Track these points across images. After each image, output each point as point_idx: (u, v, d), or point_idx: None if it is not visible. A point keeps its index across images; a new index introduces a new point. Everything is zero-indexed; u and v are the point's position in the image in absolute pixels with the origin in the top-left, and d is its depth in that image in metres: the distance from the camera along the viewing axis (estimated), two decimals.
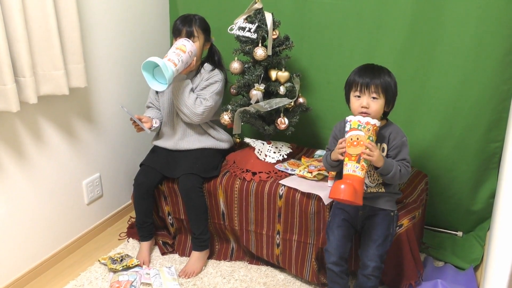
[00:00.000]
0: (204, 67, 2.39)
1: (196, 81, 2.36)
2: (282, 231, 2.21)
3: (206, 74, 2.37)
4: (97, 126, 2.50)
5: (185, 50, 2.19)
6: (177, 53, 2.16)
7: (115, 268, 2.27)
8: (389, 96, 1.83)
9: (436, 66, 2.25)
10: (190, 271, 2.29)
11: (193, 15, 2.33)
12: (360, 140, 1.74)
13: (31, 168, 2.18)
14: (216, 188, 2.29)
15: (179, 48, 2.19)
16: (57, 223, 2.36)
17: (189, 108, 2.26)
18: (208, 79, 2.35)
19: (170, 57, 2.14)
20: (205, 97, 2.30)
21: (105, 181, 2.61)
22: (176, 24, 2.31)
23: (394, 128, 1.90)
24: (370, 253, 1.89)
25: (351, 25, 2.35)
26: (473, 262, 2.24)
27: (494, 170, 2.33)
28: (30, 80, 1.96)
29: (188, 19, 2.30)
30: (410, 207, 2.11)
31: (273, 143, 2.39)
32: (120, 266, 2.27)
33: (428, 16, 2.18)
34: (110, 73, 2.53)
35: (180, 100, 2.26)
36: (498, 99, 2.19)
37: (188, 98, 2.26)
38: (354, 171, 1.74)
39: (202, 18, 2.34)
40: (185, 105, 2.26)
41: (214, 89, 2.33)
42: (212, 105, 2.30)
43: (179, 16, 2.34)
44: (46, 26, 1.98)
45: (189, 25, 2.28)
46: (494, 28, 2.09)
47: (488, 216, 2.40)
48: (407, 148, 1.88)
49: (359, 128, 1.74)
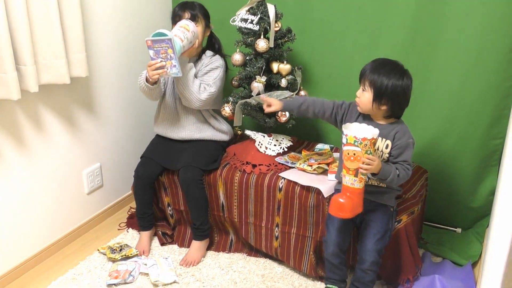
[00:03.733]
0: (206, 53, 2.38)
1: (197, 66, 2.35)
2: (281, 223, 2.21)
3: (207, 59, 2.36)
4: (98, 116, 2.50)
5: (189, 29, 2.18)
6: (182, 30, 2.15)
7: (114, 257, 2.28)
8: (378, 94, 1.79)
9: (439, 62, 2.24)
10: (190, 260, 2.30)
11: (191, 1, 2.33)
12: (357, 156, 1.71)
13: (32, 157, 2.19)
14: (216, 180, 2.29)
15: (183, 26, 2.17)
16: (57, 213, 2.37)
17: (193, 94, 2.24)
18: (208, 64, 2.34)
19: (176, 33, 2.12)
20: (208, 83, 2.29)
21: (105, 171, 2.62)
22: (175, 10, 2.30)
23: (402, 128, 1.86)
24: (369, 247, 1.89)
25: (353, 18, 2.34)
26: (471, 258, 2.24)
27: (494, 168, 2.32)
28: (31, 68, 1.96)
29: (189, 4, 2.30)
30: (409, 202, 2.11)
31: (274, 136, 2.39)
32: (119, 255, 2.28)
33: (431, 11, 2.17)
34: (112, 63, 2.52)
35: (184, 84, 2.23)
36: (500, 96, 2.18)
37: (192, 83, 2.24)
38: (353, 184, 1.75)
39: (201, 4, 2.34)
40: (188, 90, 2.24)
41: (216, 75, 2.32)
42: (215, 92, 2.30)
43: (178, 4, 2.34)
44: (47, 15, 1.98)
45: (192, 9, 2.28)
46: (497, 25, 2.08)
47: (488, 213, 2.40)
48: (410, 151, 1.84)
49: (356, 144, 1.71)
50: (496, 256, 1.27)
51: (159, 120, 2.46)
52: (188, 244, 2.39)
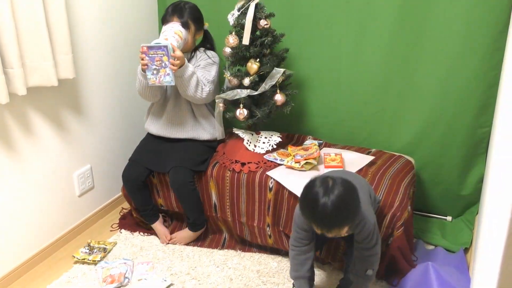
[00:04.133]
0: (199, 50, 2.37)
1: (191, 62, 2.33)
2: (271, 223, 2.21)
3: (201, 55, 2.35)
4: (87, 117, 2.49)
5: (182, 36, 2.18)
6: (176, 38, 2.14)
7: (93, 259, 2.28)
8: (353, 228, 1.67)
9: (425, 54, 2.27)
10: (177, 240, 2.41)
11: (184, 3, 2.30)
12: None
13: (21, 160, 2.17)
14: (207, 180, 2.29)
15: (177, 33, 2.16)
16: (48, 216, 2.35)
17: (194, 92, 2.22)
18: (205, 59, 2.33)
19: (172, 41, 2.10)
20: (208, 80, 2.29)
21: (96, 172, 2.60)
22: (167, 12, 2.29)
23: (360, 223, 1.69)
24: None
25: (340, 15, 2.36)
26: (463, 245, 2.27)
27: (482, 155, 2.36)
28: (18, 71, 1.95)
29: (178, 9, 2.27)
30: (396, 214, 2.02)
31: (263, 133, 2.39)
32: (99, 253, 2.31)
33: (417, 2, 2.20)
34: (99, 64, 2.51)
35: (182, 84, 2.20)
36: (486, 85, 2.21)
37: (194, 83, 2.20)
38: None
39: (193, 7, 2.31)
40: (190, 89, 2.20)
41: (214, 73, 2.33)
42: (213, 88, 2.31)
43: (171, 4, 2.32)
44: (34, 17, 1.96)
45: (181, 16, 2.25)
46: (482, 14, 2.11)
47: (477, 200, 2.43)
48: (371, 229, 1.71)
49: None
50: (492, 242, 1.30)
51: (150, 119, 2.45)
52: None
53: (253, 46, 2.20)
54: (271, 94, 2.25)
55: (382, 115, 2.45)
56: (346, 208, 1.58)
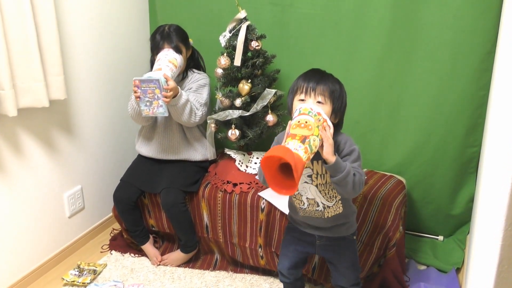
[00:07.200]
0: (190, 71, 2.39)
1: (184, 84, 2.35)
2: (263, 244, 2.20)
3: (193, 76, 2.37)
4: (77, 138, 2.48)
5: (177, 64, 2.19)
6: (170, 67, 2.14)
7: (83, 281, 2.25)
8: (336, 104, 1.65)
9: (414, 74, 2.29)
10: (168, 262, 2.39)
11: (167, 27, 2.29)
12: (309, 124, 1.47)
13: (11, 181, 2.15)
14: (199, 201, 2.28)
15: (171, 62, 2.17)
16: (38, 237, 2.32)
17: (188, 117, 2.23)
18: (196, 80, 2.35)
19: (166, 71, 2.10)
20: (200, 103, 2.29)
21: (86, 193, 2.59)
22: (156, 40, 2.27)
23: (343, 138, 1.69)
24: (345, 280, 1.83)
25: (330, 34, 2.38)
26: (454, 265, 2.27)
27: (472, 175, 2.37)
28: (9, 92, 1.94)
29: (166, 34, 2.26)
30: (388, 235, 2.03)
31: (254, 153, 2.39)
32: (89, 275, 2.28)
33: (405, 25, 2.23)
34: (90, 85, 2.51)
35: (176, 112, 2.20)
36: (475, 105, 2.24)
37: (187, 109, 2.21)
38: (296, 149, 1.42)
39: (177, 28, 2.31)
40: (184, 115, 2.21)
41: (205, 95, 2.34)
42: (205, 111, 2.32)
43: (156, 30, 2.31)
44: (25, 38, 1.97)
45: (170, 41, 2.25)
46: (469, 36, 2.14)
47: (468, 220, 2.44)
48: (356, 156, 1.65)
49: (310, 114, 1.51)
50: (483, 261, 1.30)
51: (142, 141, 2.45)
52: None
53: (245, 67, 2.22)
54: (262, 115, 2.27)
55: (373, 135, 2.46)
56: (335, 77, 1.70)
